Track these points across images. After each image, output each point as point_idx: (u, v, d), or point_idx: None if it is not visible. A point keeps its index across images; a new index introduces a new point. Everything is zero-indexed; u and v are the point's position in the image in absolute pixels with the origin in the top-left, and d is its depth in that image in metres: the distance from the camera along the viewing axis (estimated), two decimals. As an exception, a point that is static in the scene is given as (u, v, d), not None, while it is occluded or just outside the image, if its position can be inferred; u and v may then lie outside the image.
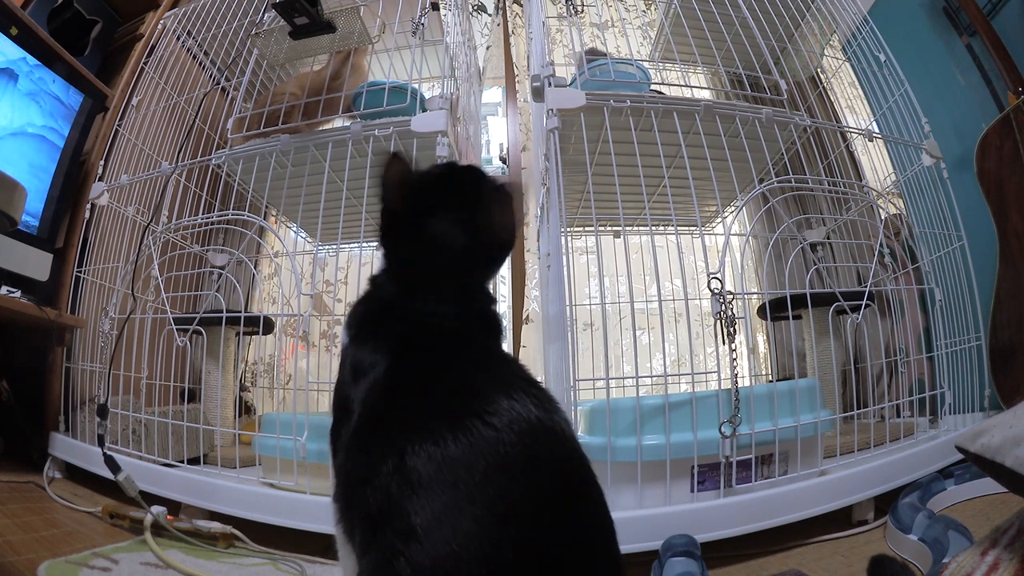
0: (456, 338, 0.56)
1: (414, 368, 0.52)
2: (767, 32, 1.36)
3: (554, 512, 0.42)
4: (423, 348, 0.54)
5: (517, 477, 0.42)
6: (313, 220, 1.71)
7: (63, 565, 0.82)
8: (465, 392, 0.47)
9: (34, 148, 1.48)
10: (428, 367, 0.51)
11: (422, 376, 0.50)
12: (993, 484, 0.83)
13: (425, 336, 0.55)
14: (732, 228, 1.18)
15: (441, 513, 0.40)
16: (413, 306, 0.57)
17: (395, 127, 1.24)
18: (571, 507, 0.44)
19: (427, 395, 0.48)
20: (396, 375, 0.51)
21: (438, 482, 0.41)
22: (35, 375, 1.48)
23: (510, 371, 0.52)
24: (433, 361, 0.52)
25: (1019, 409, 0.64)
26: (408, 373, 0.51)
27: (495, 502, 0.40)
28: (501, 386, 0.47)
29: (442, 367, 0.51)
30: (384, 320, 0.58)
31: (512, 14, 2.63)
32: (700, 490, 0.98)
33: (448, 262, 0.59)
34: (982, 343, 1.32)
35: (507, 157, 2.56)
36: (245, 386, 2.10)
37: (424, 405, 0.47)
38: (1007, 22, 1.56)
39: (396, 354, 0.53)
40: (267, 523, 1.03)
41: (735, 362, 1.00)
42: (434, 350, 0.54)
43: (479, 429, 0.43)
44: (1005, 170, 1.44)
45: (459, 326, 0.57)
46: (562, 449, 0.47)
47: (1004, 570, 0.58)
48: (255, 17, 1.52)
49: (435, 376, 0.50)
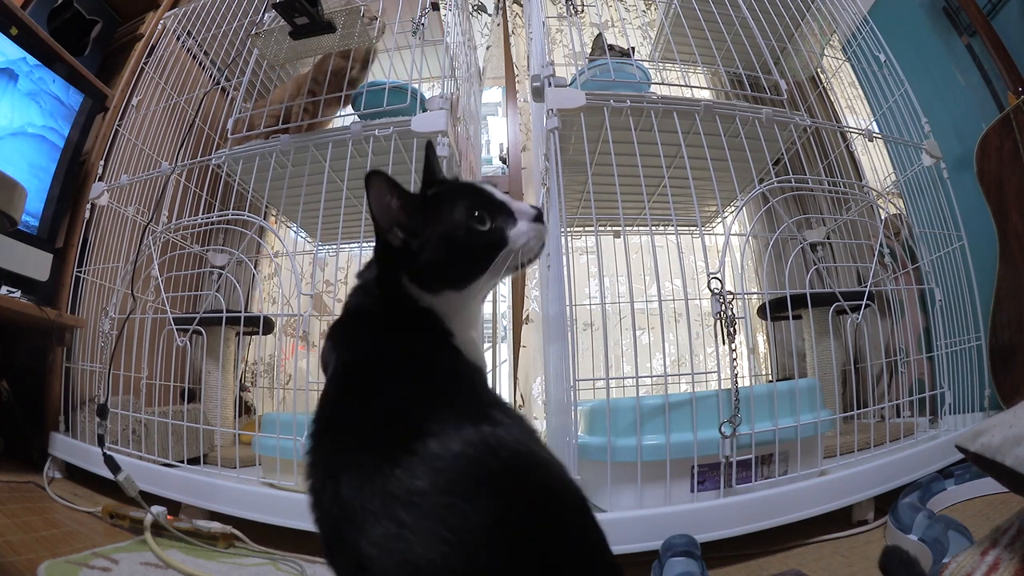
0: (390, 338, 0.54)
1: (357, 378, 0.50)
2: (767, 32, 1.36)
3: (523, 529, 0.40)
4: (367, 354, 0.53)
5: (466, 495, 0.40)
6: (313, 220, 1.71)
7: (63, 565, 0.82)
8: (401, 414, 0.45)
9: (34, 148, 1.48)
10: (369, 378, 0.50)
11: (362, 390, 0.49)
12: (993, 484, 0.83)
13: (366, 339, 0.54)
14: (732, 228, 1.18)
15: (386, 542, 0.38)
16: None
17: (395, 127, 1.24)
18: (544, 521, 0.42)
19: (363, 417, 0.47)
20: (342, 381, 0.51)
21: (375, 513, 0.39)
22: (35, 375, 1.48)
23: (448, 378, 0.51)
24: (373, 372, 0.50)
25: (1019, 409, 0.64)
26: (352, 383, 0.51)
27: (447, 525, 0.38)
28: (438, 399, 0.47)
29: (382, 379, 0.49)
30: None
31: (512, 14, 2.63)
32: (700, 490, 0.98)
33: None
34: (982, 343, 1.32)
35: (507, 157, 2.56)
36: (245, 386, 2.10)
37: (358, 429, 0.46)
38: (1007, 22, 1.56)
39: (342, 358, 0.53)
40: (267, 523, 1.03)
41: (735, 362, 1.00)
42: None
43: (419, 451, 0.41)
44: (1005, 170, 1.44)
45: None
46: (520, 463, 0.44)
47: (1004, 570, 0.58)
48: (255, 17, 1.52)
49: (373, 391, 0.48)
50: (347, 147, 1.26)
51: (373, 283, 0.58)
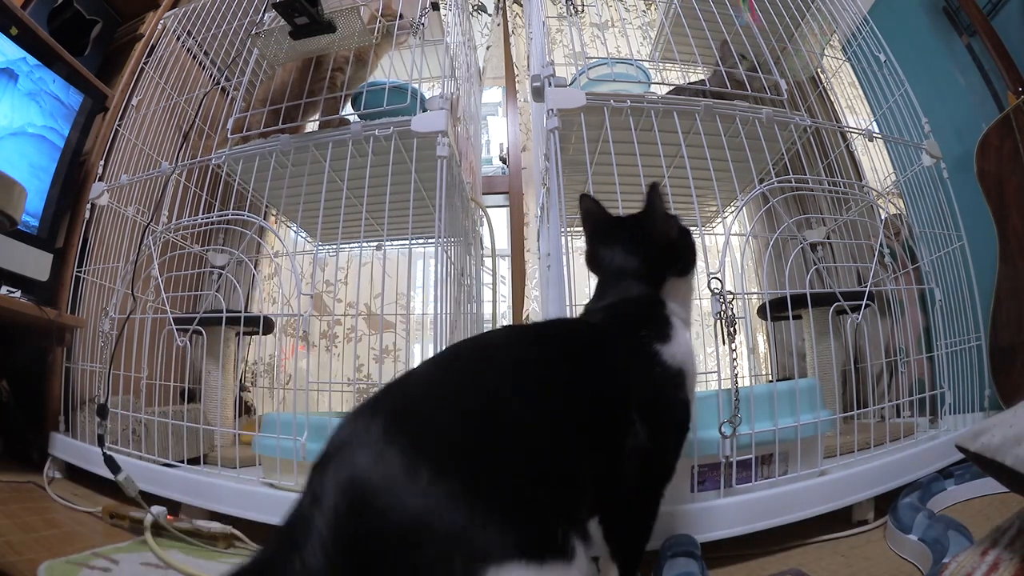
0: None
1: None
2: (767, 32, 1.36)
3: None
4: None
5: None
6: (313, 220, 1.71)
7: (63, 565, 0.82)
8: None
9: (34, 148, 1.48)
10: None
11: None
12: (993, 484, 0.83)
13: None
14: (732, 228, 1.18)
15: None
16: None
17: (395, 127, 1.24)
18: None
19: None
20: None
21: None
22: (35, 375, 1.48)
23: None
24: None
25: (1019, 408, 0.64)
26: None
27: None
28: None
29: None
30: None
31: (512, 14, 2.63)
32: (700, 490, 0.98)
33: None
34: (982, 343, 1.32)
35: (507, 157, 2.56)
36: (245, 386, 2.10)
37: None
38: (1007, 22, 1.56)
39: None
40: (267, 523, 1.03)
41: (735, 362, 1.00)
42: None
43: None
44: (1005, 170, 1.44)
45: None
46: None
47: (1004, 570, 0.58)
48: (255, 17, 1.52)
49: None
50: (347, 147, 1.26)
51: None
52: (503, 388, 0.48)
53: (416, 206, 1.27)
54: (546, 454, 0.46)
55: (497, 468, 0.42)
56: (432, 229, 1.20)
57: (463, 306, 1.47)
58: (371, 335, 2.24)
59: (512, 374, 0.51)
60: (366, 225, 1.40)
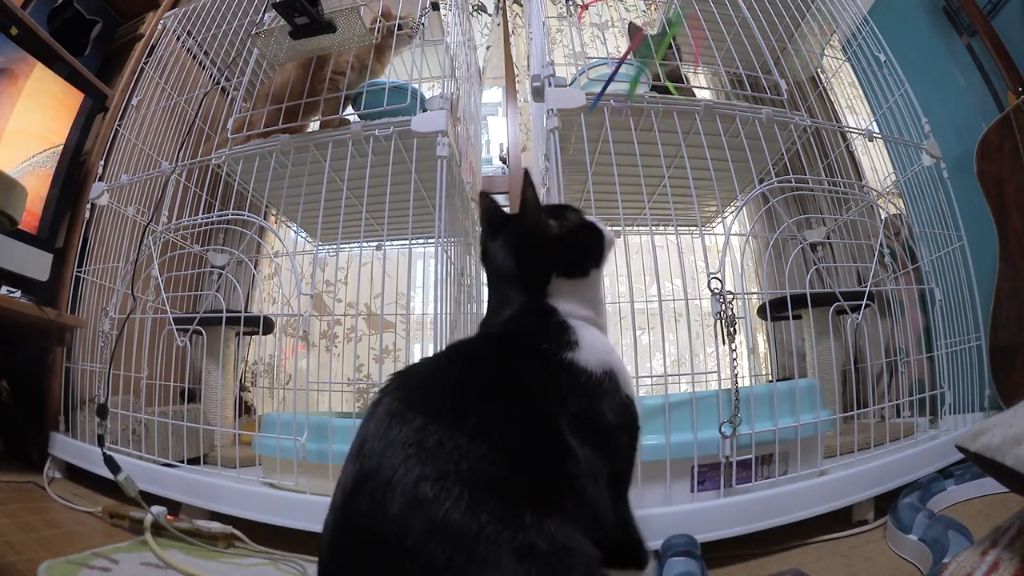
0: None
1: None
2: (767, 32, 1.36)
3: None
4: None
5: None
6: (313, 220, 1.71)
7: (63, 565, 0.81)
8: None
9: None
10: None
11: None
12: (993, 484, 0.83)
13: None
14: (732, 228, 1.18)
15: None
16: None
17: (395, 127, 1.24)
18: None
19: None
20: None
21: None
22: (35, 375, 1.48)
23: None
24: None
25: (1019, 408, 0.64)
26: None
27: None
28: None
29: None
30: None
31: (512, 14, 2.63)
32: (700, 490, 0.98)
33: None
34: (982, 343, 1.32)
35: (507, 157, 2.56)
36: (245, 386, 2.10)
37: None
38: (1007, 22, 1.55)
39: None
40: (267, 523, 1.03)
41: (735, 362, 1.00)
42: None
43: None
44: (1005, 170, 1.44)
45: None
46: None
47: (1004, 570, 0.58)
48: (255, 17, 1.52)
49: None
50: (347, 147, 1.26)
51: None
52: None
53: (416, 206, 1.27)
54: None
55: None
56: (432, 229, 1.20)
57: (463, 306, 1.47)
58: (371, 335, 2.24)
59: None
60: (366, 225, 1.40)
